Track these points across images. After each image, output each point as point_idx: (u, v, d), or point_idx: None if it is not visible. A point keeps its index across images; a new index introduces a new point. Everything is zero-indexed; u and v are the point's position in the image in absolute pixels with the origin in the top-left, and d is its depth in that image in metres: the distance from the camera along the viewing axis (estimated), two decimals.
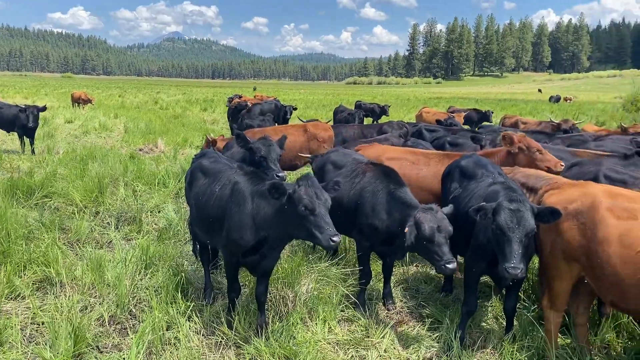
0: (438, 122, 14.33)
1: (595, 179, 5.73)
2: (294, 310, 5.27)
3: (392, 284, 6.31)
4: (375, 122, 22.93)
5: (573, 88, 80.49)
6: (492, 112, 21.39)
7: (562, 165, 6.69)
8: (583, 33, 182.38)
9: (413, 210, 4.78)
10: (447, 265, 4.41)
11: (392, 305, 5.93)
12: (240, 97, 23.57)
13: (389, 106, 27.08)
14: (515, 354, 4.60)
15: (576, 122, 14.04)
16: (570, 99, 43.60)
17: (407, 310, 5.93)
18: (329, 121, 13.63)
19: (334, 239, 4.04)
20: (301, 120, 12.45)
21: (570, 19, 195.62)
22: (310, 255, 6.64)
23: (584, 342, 4.80)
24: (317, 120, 13.54)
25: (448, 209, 4.84)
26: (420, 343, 5.06)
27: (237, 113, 18.44)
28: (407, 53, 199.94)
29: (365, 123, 19.35)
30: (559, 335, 4.99)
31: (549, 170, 6.57)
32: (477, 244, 4.83)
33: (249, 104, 19.94)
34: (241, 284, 5.63)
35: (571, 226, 4.32)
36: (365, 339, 5.08)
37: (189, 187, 5.69)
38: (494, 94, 67.24)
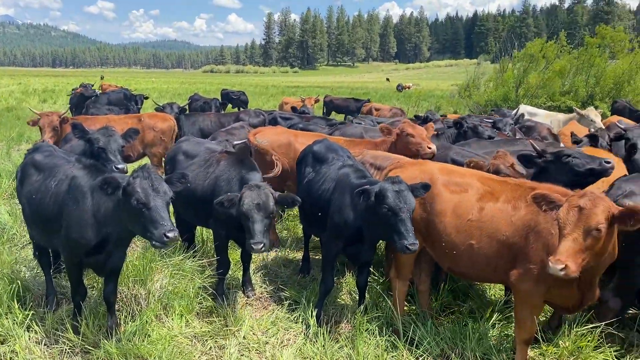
0: (293, 109, 14.57)
1: (446, 161, 6.28)
2: (148, 308, 5.05)
3: (251, 271, 6.34)
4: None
5: (416, 77, 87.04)
6: (369, 100, 22.33)
7: (430, 148, 6.79)
8: (423, 25, 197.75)
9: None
10: (253, 246, 4.48)
11: (251, 292, 5.95)
12: (87, 86, 21.65)
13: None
14: (367, 324, 4.87)
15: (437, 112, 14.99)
16: (409, 87, 46.82)
17: (266, 295, 5.99)
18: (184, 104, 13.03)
19: (169, 234, 3.80)
20: (157, 106, 11.74)
21: (412, 12, 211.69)
22: (163, 250, 6.39)
23: (426, 307, 5.26)
24: (176, 103, 12.94)
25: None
26: (279, 326, 5.15)
27: (82, 102, 17.02)
28: (263, 42, 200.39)
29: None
30: (405, 303, 5.40)
31: (417, 151, 6.81)
32: (334, 225, 5.03)
33: (97, 92, 18.51)
34: (88, 285, 5.25)
35: None
36: (224, 329, 5.05)
37: (20, 185, 5.13)
38: (348, 82, 70.35)
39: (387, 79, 73.37)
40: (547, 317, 5.31)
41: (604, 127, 10.45)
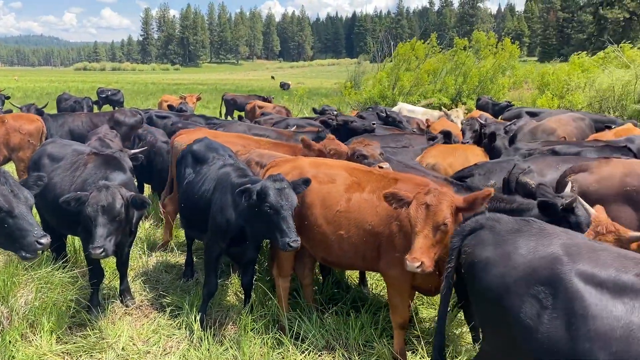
0: (170, 107, 14.08)
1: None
2: (11, 327, 4.60)
3: (130, 278, 6.03)
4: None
5: (301, 75, 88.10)
6: (273, 97, 21.78)
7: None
8: (305, 24, 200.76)
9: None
10: (92, 250, 4.31)
11: (130, 301, 5.66)
12: None
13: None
14: (253, 324, 4.85)
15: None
16: (289, 85, 46.90)
17: (147, 303, 5.74)
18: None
19: (42, 241, 3.57)
20: (16, 107, 10.74)
21: (294, 10, 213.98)
22: (28, 262, 5.86)
23: (311, 301, 5.35)
24: (34, 104, 11.91)
25: None
26: (161, 333, 4.96)
27: None
28: (141, 38, 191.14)
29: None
30: (291, 298, 5.46)
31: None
32: (216, 225, 4.92)
33: None
34: None
35: None
36: (101, 342, 4.75)
37: None
38: (232, 80, 69.28)
39: (273, 77, 73.52)
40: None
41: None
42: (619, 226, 3.73)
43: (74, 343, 4.70)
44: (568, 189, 4.70)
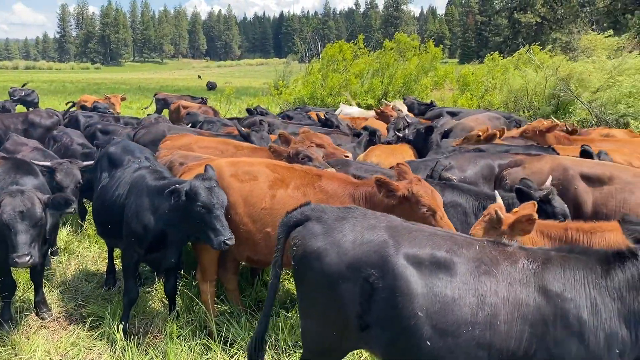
0: (82, 108, 13.44)
1: None
2: None
3: (46, 289, 5.71)
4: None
5: (229, 74, 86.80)
6: (207, 99, 21.05)
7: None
8: (232, 23, 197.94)
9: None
10: (17, 260, 4.11)
11: (47, 313, 5.35)
12: None
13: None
14: (179, 330, 4.72)
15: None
16: (216, 84, 45.75)
17: (66, 315, 5.44)
18: None
19: None
20: None
21: (220, 9, 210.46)
22: None
23: (238, 304, 5.28)
24: None
25: None
26: (80, 346, 4.73)
27: None
28: (58, 35, 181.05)
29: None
30: (222, 302, 5.37)
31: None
32: (132, 231, 4.74)
33: None
34: None
35: None
36: (14, 358, 4.46)
37: None
38: (157, 79, 67.13)
39: (199, 77, 72.02)
40: None
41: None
42: (501, 211, 3.88)
43: None
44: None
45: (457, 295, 2.73)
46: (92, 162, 6.27)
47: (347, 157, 6.46)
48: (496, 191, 4.68)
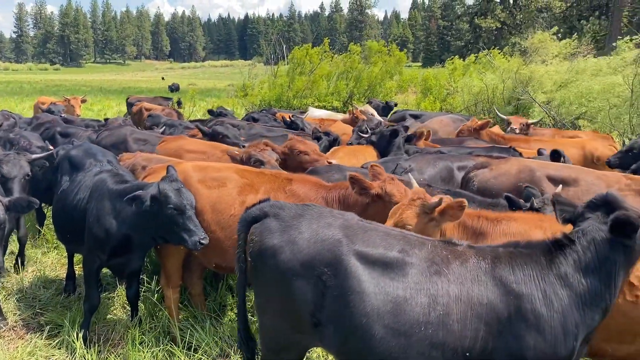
0: (46, 111, 13.03)
1: None
2: None
3: (2, 297, 5.54)
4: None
5: (193, 76, 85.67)
6: (182, 102, 20.61)
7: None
8: (197, 25, 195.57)
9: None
10: None
11: (2, 322, 5.19)
12: None
13: None
14: (141, 337, 4.64)
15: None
16: (178, 86, 44.60)
17: (22, 323, 5.28)
18: None
19: None
20: None
21: (184, 10, 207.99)
22: None
23: (203, 309, 5.23)
24: None
25: None
26: (38, 355, 4.60)
27: None
28: (14, 35, 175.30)
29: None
30: (184, 308, 5.29)
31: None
32: (93, 236, 4.63)
33: None
34: None
35: None
36: None
37: None
38: (119, 81, 65.76)
39: (163, 78, 70.97)
40: None
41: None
42: (428, 196, 3.89)
43: None
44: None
45: (409, 295, 2.76)
46: (43, 154, 5.99)
47: (330, 163, 6.43)
48: (410, 174, 4.65)
